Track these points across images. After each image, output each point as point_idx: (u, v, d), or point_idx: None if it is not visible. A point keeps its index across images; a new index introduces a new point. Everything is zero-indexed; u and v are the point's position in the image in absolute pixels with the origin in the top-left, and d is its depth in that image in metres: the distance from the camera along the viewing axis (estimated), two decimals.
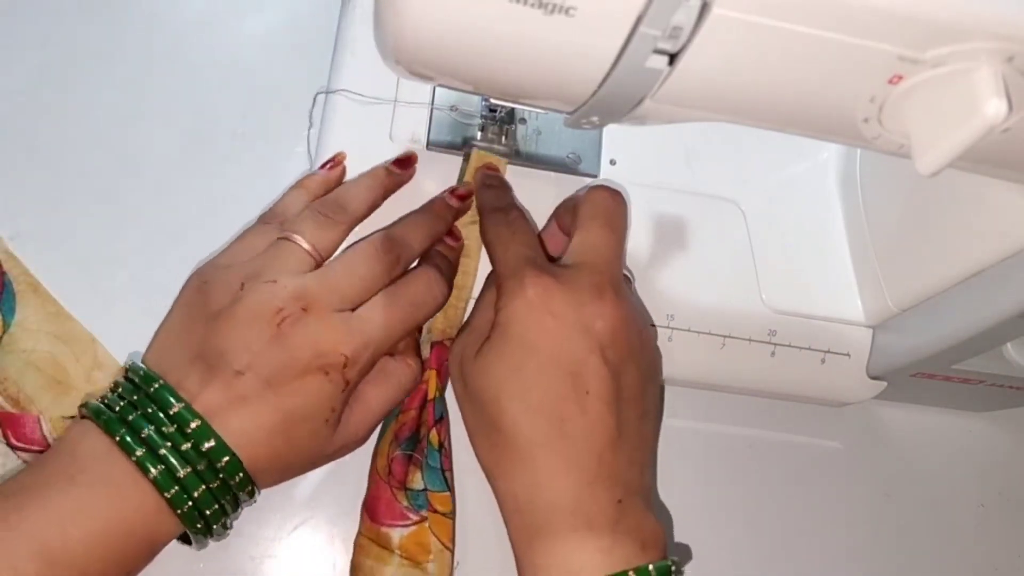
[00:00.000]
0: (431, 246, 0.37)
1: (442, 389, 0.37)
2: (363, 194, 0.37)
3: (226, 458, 0.30)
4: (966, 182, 0.31)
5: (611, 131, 0.42)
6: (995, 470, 0.48)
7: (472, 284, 0.38)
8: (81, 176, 0.43)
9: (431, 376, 0.37)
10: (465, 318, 0.38)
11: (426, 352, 0.38)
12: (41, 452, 0.37)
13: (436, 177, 0.39)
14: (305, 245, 0.34)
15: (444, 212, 0.37)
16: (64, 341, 0.40)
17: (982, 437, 0.49)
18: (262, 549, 0.38)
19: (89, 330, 0.40)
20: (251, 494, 0.32)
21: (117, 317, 0.41)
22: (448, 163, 0.39)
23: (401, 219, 0.37)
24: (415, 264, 0.37)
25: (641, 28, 0.22)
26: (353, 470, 0.41)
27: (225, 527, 0.33)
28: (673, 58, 0.23)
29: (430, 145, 0.39)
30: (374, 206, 0.37)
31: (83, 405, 0.32)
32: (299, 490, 0.40)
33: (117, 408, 0.31)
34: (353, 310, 0.33)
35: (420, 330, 0.38)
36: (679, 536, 0.43)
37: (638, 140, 0.42)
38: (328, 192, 0.37)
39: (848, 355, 0.41)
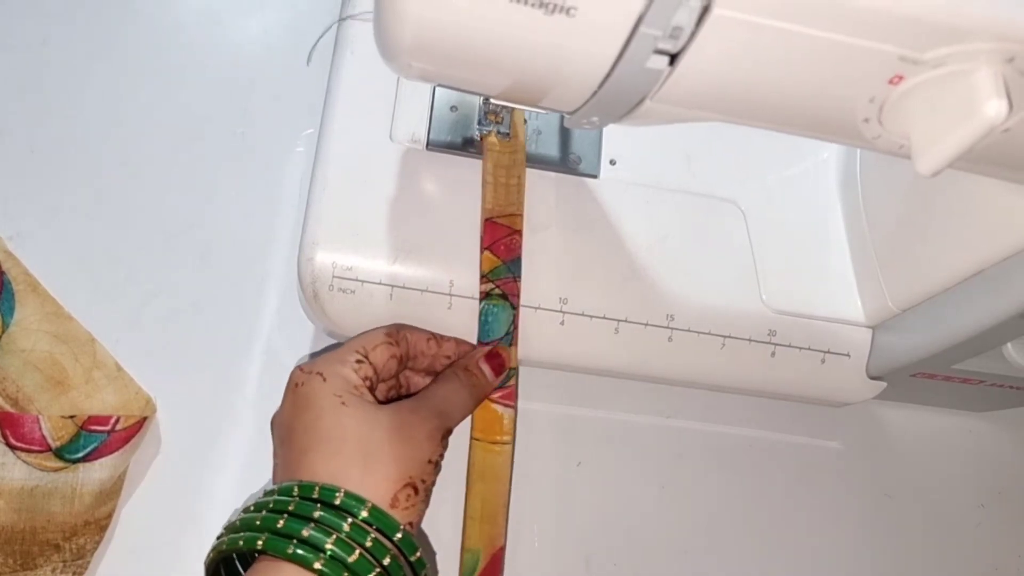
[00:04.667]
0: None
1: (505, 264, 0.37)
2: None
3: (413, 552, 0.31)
4: (966, 182, 0.31)
5: (611, 131, 0.42)
6: (995, 470, 0.48)
7: (523, 163, 0.39)
8: (81, 176, 0.43)
9: (485, 257, 0.37)
10: (520, 194, 0.38)
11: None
12: (40, 452, 0.37)
13: (436, 177, 0.39)
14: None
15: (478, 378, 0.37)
16: (63, 341, 0.40)
17: (982, 437, 0.49)
18: None
19: (88, 330, 0.40)
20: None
21: (117, 317, 0.41)
22: (448, 163, 0.39)
23: (439, 386, 0.36)
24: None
25: (642, 28, 0.22)
26: None
27: None
28: (674, 58, 0.23)
29: (430, 145, 0.39)
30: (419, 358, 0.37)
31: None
32: None
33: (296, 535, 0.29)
34: None
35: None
36: (679, 536, 0.43)
37: (638, 140, 0.42)
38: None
39: (848, 355, 0.41)
